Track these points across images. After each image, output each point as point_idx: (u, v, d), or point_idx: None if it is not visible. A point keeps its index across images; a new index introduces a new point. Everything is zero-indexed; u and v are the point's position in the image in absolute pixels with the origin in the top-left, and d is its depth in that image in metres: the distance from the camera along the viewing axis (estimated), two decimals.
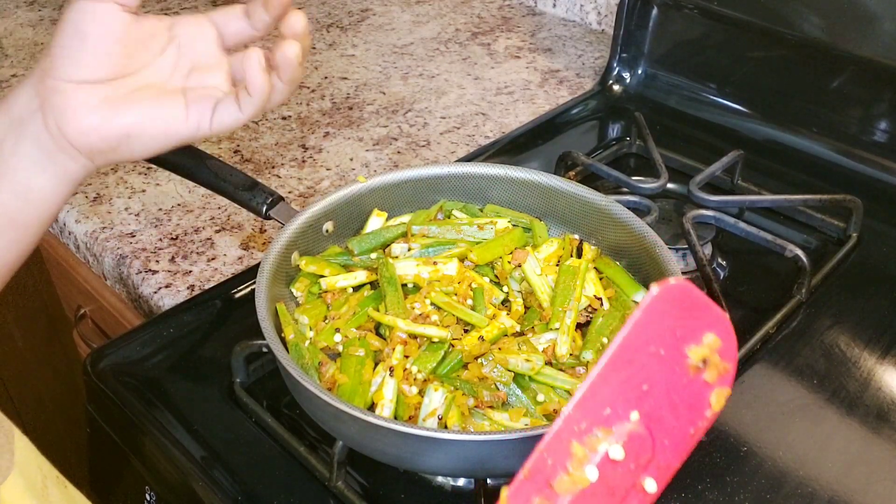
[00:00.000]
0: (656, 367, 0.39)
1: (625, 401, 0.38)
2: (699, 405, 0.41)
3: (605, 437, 0.38)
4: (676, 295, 0.38)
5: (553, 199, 0.70)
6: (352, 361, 0.57)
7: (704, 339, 0.40)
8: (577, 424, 0.37)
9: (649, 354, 0.38)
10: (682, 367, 0.40)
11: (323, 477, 0.57)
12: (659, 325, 0.38)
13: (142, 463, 0.64)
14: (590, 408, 0.37)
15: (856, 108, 0.88)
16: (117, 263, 0.81)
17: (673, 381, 0.39)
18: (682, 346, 0.39)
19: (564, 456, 0.37)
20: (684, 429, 0.41)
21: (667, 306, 0.38)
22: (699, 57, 0.99)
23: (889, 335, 0.68)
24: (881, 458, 0.58)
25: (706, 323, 0.40)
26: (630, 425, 0.38)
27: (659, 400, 0.39)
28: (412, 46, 1.23)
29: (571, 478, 0.37)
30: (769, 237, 0.73)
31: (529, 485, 0.37)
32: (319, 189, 0.90)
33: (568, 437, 0.37)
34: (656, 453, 0.40)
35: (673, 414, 0.40)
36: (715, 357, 0.40)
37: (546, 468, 0.37)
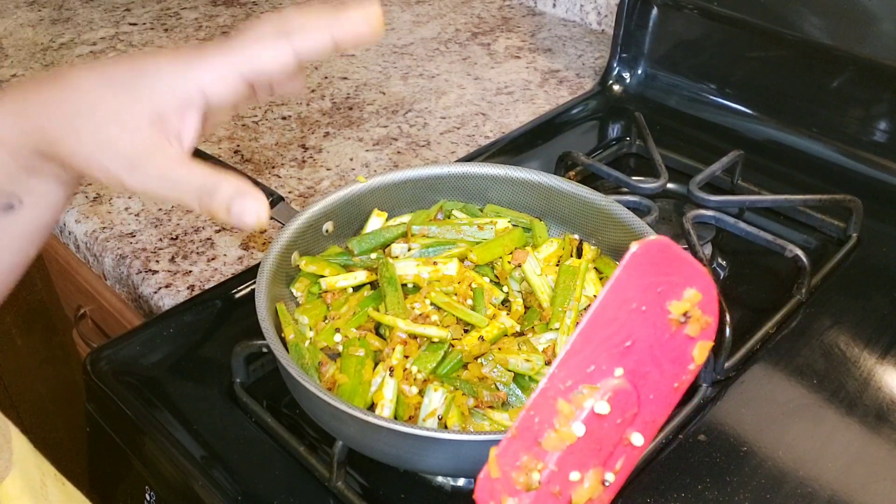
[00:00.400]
0: (639, 324, 0.39)
1: (609, 357, 0.38)
2: (682, 359, 0.41)
3: (590, 393, 0.38)
4: (656, 251, 0.38)
5: (553, 199, 0.70)
6: (352, 361, 0.57)
7: (685, 294, 0.40)
8: (563, 382, 0.38)
9: (631, 311, 0.38)
10: (664, 323, 0.40)
11: (323, 477, 0.57)
12: (640, 281, 0.38)
13: (142, 463, 0.63)
14: (574, 365, 0.38)
15: (856, 108, 0.87)
16: (117, 263, 0.81)
17: (656, 336, 0.40)
18: (663, 301, 0.39)
19: (551, 413, 0.37)
20: (668, 383, 0.41)
21: (647, 263, 0.38)
22: (699, 57, 0.99)
23: (889, 335, 0.68)
24: (881, 458, 0.58)
25: (686, 278, 0.40)
26: (615, 381, 0.39)
27: (643, 355, 0.39)
28: (412, 46, 1.23)
29: (559, 434, 0.37)
30: (769, 237, 0.73)
31: (517, 443, 0.37)
32: (319, 189, 0.90)
33: (554, 395, 0.37)
34: (642, 408, 0.40)
35: (657, 369, 0.40)
36: (696, 311, 0.40)
37: (533, 426, 0.37)
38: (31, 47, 1.22)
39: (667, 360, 0.41)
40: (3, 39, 1.24)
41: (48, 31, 1.27)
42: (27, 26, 1.29)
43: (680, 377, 0.41)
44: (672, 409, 0.42)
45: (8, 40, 1.24)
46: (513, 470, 0.37)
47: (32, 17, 1.32)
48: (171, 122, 0.43)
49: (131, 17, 1.32)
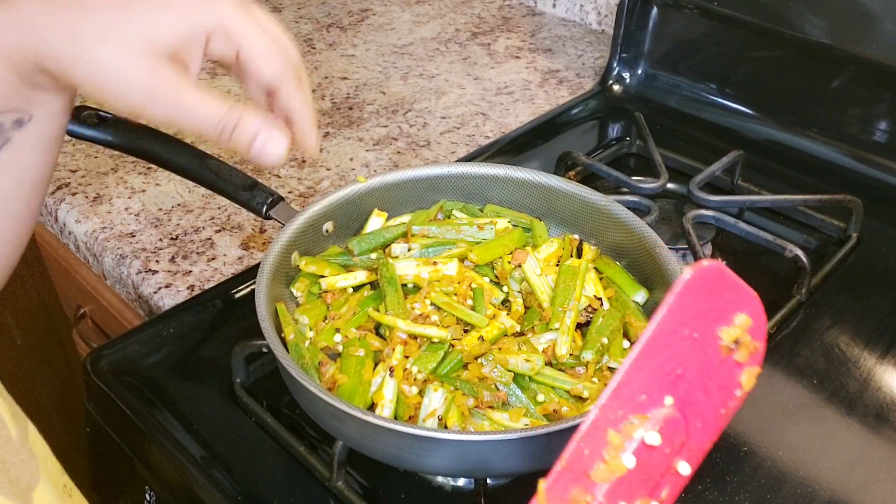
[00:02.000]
0: (689, 351, 0.38)
1: (659, 386, 0.38)
2: (730, 385, 0.41)
3: (640, 423, 0.37)
4: (708, 277, 0.38)
5: (553, 199, 0.70)
6: (352, 361, 0.57)
7: (736, 320, 0.39)
8: (614, 413, 0.37)
9: (682, 338, 0.38)
10: (715, 349, 0.39)
11: (323, 477, 0.57)
12: (691, 308, 0.38)
13: (142, 463, 0.63)
14: (625, 395, 0.37)
15: (856, 108, 0.88)
16: (117, 263, 0.81)
17: (705, 363, 0.39)
18: (714, 327, 0.39)
19: (601, 444, 0.37)
20: (716, 409, 0.40)
21: (699, 289, 0.38)
22: (699, 57, 0.99)
23: (889, 335, 0.68)
24: (881, 458, 0.58)
25: (737, 303, 0.40)
26: (665, 410, 0.38)
27: (692, 383, 0.39)
28: (412, 46, 1.23)
29: (608, 466, 0.37)
30: (769, 237, 0.73)
31: (567, 475, 0.36)
32: (319, 189, 0.90)
33: (604, 426, 0.37)
34: (690, 436, 0.39)
35: (705, 396, 0.40)
36: (746, 337, 0.40)
37: (583, 458, 0.37)
38: None
39: (715, 387, 0.40)
40: None
41: None
42: None
43: (727, 403, 0.41)
44: (718, 436, 0.41)
45: None
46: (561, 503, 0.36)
47: None
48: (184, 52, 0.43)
49: None
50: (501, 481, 0.58)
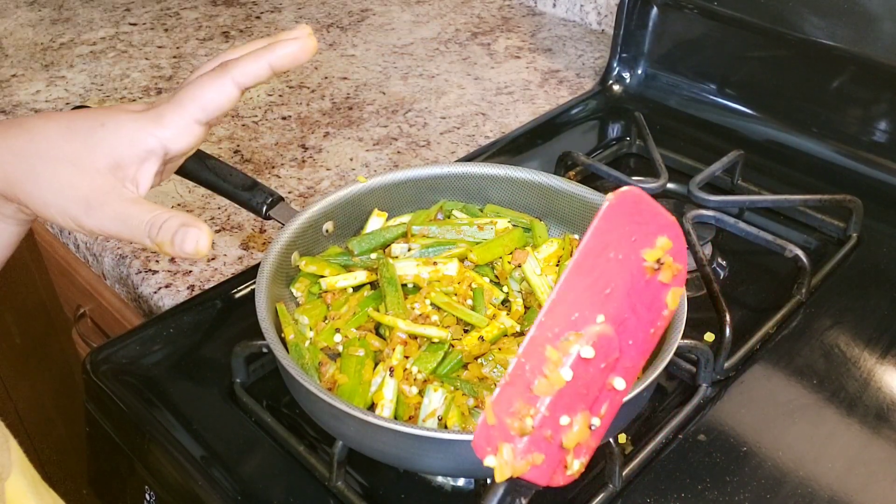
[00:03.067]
0: (616, 271, 0.41)
1: (591, 304, 0.40)
2: (657, 305, 0.43)
3: (576, 339, 0.40)
4: (630, 202, 0.41)
5: (553, 199, 0.70)
6: (352, 361, 0.57)
7: (657, 242, 0.42)
8: (550, 330, 0.39)
9: (609, 259, 0.41)
10: (640, 270, 0.42)
11: (323, 477, 0.57)
12: (616, 231, 0.40)
13: (141, 462, 0.63)
14: (559, 313, 0.40)
15: (856, 108, 0.88)
16: (117, 263, 0.81)
17: (632, 283, 0.42)
18: (638, 249, 0.42)
19: (540, 360, 0.39)
20: (646, 329, 0.43)
21: (622, 213, 0.40)
22: (699, 57, 0.99)
23: (889, 335, 0.68)
24: (881, 458, 0.58)
25: (658, 227, 0.42)
26: (597, 327, 0.41)
27: (621, 302, 0.42)
28: (412, 46, 1.23)
29: (549, 379, 0.39)
30: (769, 237, 0.73)
31: (510, 389, 0.39)
32: (319, 189, 0.90)
33: (542, 343, 0.39)
34: (623, 353, 0.42)
35: (635, 315, 0.42)
36: (668, 258, 0.43)
37: (525, 373, 0.39)
38: (31, 47, 1.22)
39: (643, 307, 0.43)
40: (3, 39, 1.25)
41: (48, 31, 1.27)
42: (27, 26, 1.29)
43: (655, 323, 0.44)
44: (649, 355, 0.44)
45: (8, 40, 1.24)
46: (507, 416, 0.39)
47: (32, 17, 1.32)
48: (128, 170, 0.47)
49: (131, 17, 1.32)
50: None
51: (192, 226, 0.44)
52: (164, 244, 0.44)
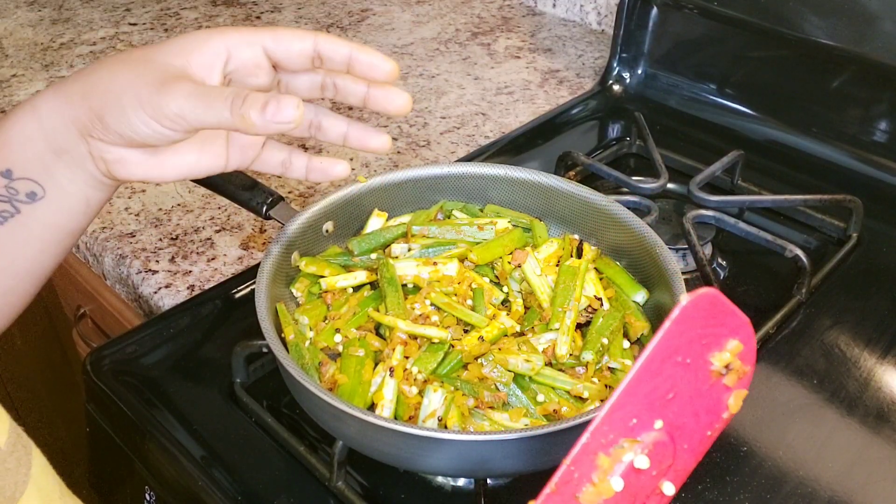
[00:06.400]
0: (681, 376, 0.39)
1: (650, 410, 0.38)
2: (717, 408, 0.41)
3: (630, 447, 0.38)
4: (704, 304, 0.38)
5: (553, 199, 0.70)
6: (352, 361, 0.57)
7: (727, 346, 0.40)
8: (605, 436, 0.37)
9: (675, 364, 0.38)
10: (705, 374, 0.40)
11: (323, 477, 0.57)
12: (686, 334, 0.38)
13: (142, 463, 0.63)
14: (617, 419, 0.38)
15: (856, 108, 0.87)
16: (117, 263, 0.81)
17: (696, 387, 0.40)
18: (706, 353, 0.39)
19: (590, 468, 0.37)
20: (703, 432, 0.41)
21: (695, 316, 0.38)
22: (699, 57, 0.99)
23: (889, 335, 0.68)
24: (881, 458, 0.58)
25: (730, 329, 0.40)
26: (654, 434, 0.39)
27: (682, 407, 0.39)
28: (412, 46, 1.23)
29: (597, 489, 0.37)
30: (769, 237, 0.73)
31: (556, 498, 0.37)
32: (319, 189, 0.90)
33: (595, 450, 0.37)
34: (676, 458, 0.40)
35: (694, 419, 0.40)
36: (737, 362, 0.40)
37: (572, 481, 0.37)
38: (31, 47, 1.22)
39: (703, 410, 0.41)
40: (3, 39, 1.24)
41: (48, 31, 1.27)
42: (27, 26, 1.29)
43: (713, 426, 0.42)
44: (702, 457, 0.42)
45: (8, 40, 1.24)
46: None
47: (32, 17, 1.32)
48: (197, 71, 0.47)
49: (131, 17, 1.32)
50: (501, 481, 0.58)
51: (281, 97, 0.42)
52: (250, 115, 0.42)
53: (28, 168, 0.48)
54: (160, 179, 0.50)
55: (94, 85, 0.46)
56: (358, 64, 0.49)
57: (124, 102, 0.44)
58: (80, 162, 0.48)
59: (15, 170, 0.47)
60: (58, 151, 0.47)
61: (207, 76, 0.47)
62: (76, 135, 0.47)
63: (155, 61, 0.46)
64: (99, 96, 0.45)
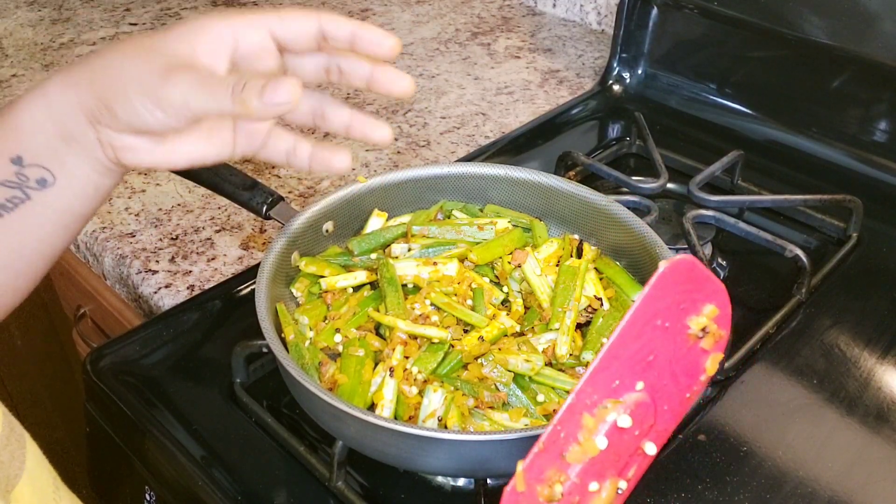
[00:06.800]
0: (661, 339, 0.40)
1: (632, 372, 0.40)
2: (695, 371, 0.43)
3: (613, 407, 0.39)
4: (681, 270, 0.40)
5: (553, 199, 0.70)
6: (352, 361, 0.57)
7: (704, 310, 0.42)
8: (589, 397, 0.39)
9: (655, 327, 0.40)
10: (684, 337, 0.41)
11: (323, 477, 0.57)
12: (665, 299, 0.40)
13: (142, 463, 0.63)
14: (600, 381, 0.39)
15: (856, 108, 0.87)
16: (117, 263, 0.81)
17: (675, 350, 0.41)
18: (684, 317, 0.41)
19: (576, 427, 0.39)
20: (682, 393, 0.43)
21: (673, 281, 0.39)
22: (699, 57, 0.99)
23: (889, 335, 0.68)
24: (881, 458, 0.58)
25: (706, 294, 0.42)
26: (636, 394, 0.40)
27: (662, 369, 0.41)
28: (412, 46, 1.23)
29: (582, 447, 0.39)
30: (769, 237, 0.73)
31: (543, 456, 0.38)
32: (319, 189, 0.90)
33: (580, 410, 0.39)
34: (657, 418, 0.41)
35: (673, 381, 0.42)
36: (713, 325, 0.42)
37: (559, 440, 0.38)
38: (31, 47, 1.22)
39: (682, 373, 0.42)
40: (3, 39, 1.25)
41: (48, 31, 1.27)
42: (27, 26, 1.29)
43: (692, 388, 0.43)
44: (682, 418, 0.43)
45: (8, 40, 1.24)
46: (537, 483, 0.38)
47: (32, 17, 1.32)
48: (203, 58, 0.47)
49: (131, 17, 1.32)
50: (501, 481, 0.58)
51: (279, 79, 0.42)
52: (249, 99, 0.42)
53: (38, 155, 0.48)
54: (169, 166, 0.50)
55: (101, 71, 0.46)
56: (360, 41, 0.50)
57: (129, 90, 0.45)
58: (89, 149, 0.48)
59: (25, 156, 0.47)
60: (67, 138, 0.47)
61: (214, 62, 0.47)
62: (84, 122, 0.47)
63: (161, 49, 0.46)
64: (105, 83, 0.46)
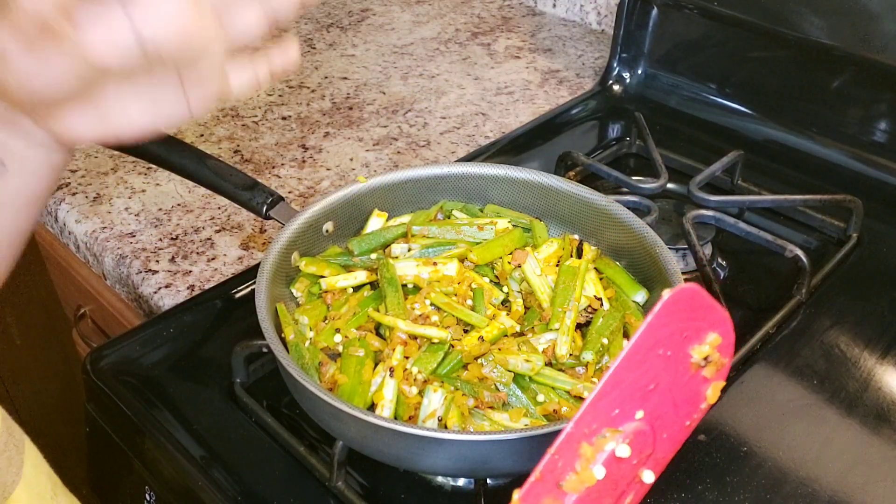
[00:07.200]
0: (662, 368, 0.40)
1: (632, 400, 0.39)
2: (696, 399, 0.43)
3: (612, 436, 0.39)
4: (685, 299, 0.39)
5: (553, 199, 0.70)
6: (352, 361, 0.57)
7: (707, 339, 0.41)
8: (588, 426, 0.38)
9: (657, 356, 0.39)
10: (686, 366, 0.41)
11: (323, 477, 0.57)
12: (668, 328, 0.39)
13: (142, 463, 0.63)
14: (600, 409, 0.39)
15: (856, 108, 0.87)
16: (117, 263, 0.81)
17: (676, 379, 0.41)
18: (687, 346, 0.41)
19: (573, 457, 0.38)
20: (682, 422, 0.42)
21: (676, 310, 0.39)
22: (699, 57, 0.99)
23: (889, 335, 0.68)
24: (881, 458, 0.58)
25: (710, 323, 0.41)
26: (635, 424, 0.40)
27: (662, 397, 0.40)
28: (412, 46, 1.23)
29: (580, 477, 0.38)
30: (769, 237, 0.73)
31: (540, 486, 0.38)
32: (319, 189, 0.90)
33: (578, 439, 0.38)
34: (656, 447, 0.41)
35: (673, 409, 0.41)
36: (715, 355, 0.41)
37: (556, 469, 0.38)
38: None
39: (682, 401, 0.42)
40: None
41: None
42: None
43: (692, 416, 0.43)
44: (681, 446, 0.43)
45: None
46: None
47: None
48: None
49: None
50: (501, 481, 0.58)
51: None
52: None
53: None
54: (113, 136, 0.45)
55: None
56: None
57: None
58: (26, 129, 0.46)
59: None
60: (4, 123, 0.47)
61: None
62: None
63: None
64: None
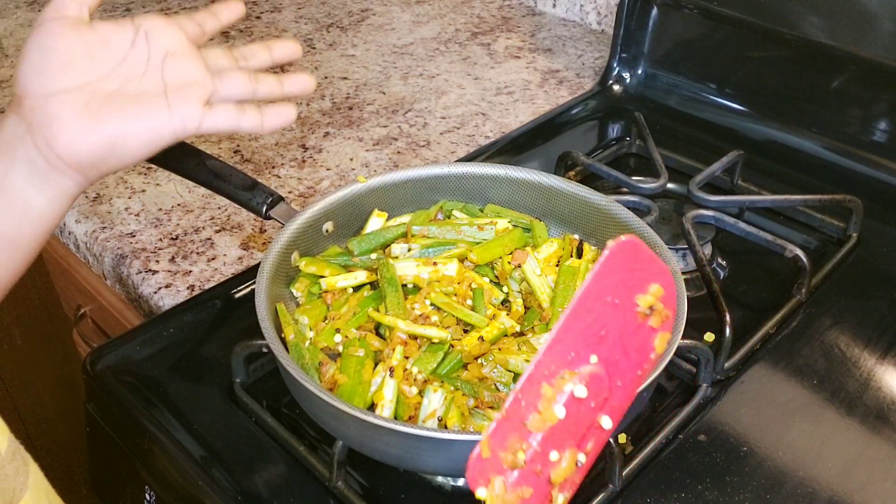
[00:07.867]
0: (611, 315, 0.43)
1: (586, 345, 0.43)
2: (645, 349, 0.46)
3: (570, 377, 0.42)
4: (629, 249, 0.43)
5: (553, 199, 0.70)
6: (352, 361, 0.57)
7: (650, 289, 0.45)
8: (547, 368, 0.42)
9: (605, 303, 0.43)
10: (632, 314, 0.45)
11: (323, 477, 0.57)
12: (613, 277, 0.43)
13: (141, 463, 0.63)
14: (557, 352, 0.42)
15: (856, 108, 0.87)
16: (117, 263, 0.81)
17: (625, 326, 0.44)
18: (632, 295, 0.44)
19: (536, 397, 0.41)
20: (633, 370, 0.46)
21: (620, 260, 0.43)
22: (699, 57, 0.99)
23: (889, 335, 0.68)
24: (881, 458, 0.58)
25: (651, 274, 0.45)
26: (590, 367, 0.43)
27: (613, 344, 0.44)
28: (412, 46, 1.23)
29: (542, 416, 0.41)
30: (769, 237, 0.73)
31: (506, 424, 0.40)
32: (319, 189, 0.90)
33: (539, 380, 0.41)
34: (612, 393, 0.44)
35: (625, 357, 0.45)
36: (659, 305, 0.45)
37: (520, 409, 0.41)
38: None
39: (633, 350, 0.45)
40: (3, 39, 1.24)
41: None
42: (27, 26, 1.29)
43: (642, 365, 0.46)
44: (635, 395, 0.46)
45: (8, 40, 1.24)
46: (501, 450, 0.40)
47: (32, 17, 1.32)
48: None
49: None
50: None
51: None
52: None
53: None
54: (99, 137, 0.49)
55: None
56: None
57: None
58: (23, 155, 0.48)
59: None
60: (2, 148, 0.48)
61: None
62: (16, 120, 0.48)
63: None
64: None
